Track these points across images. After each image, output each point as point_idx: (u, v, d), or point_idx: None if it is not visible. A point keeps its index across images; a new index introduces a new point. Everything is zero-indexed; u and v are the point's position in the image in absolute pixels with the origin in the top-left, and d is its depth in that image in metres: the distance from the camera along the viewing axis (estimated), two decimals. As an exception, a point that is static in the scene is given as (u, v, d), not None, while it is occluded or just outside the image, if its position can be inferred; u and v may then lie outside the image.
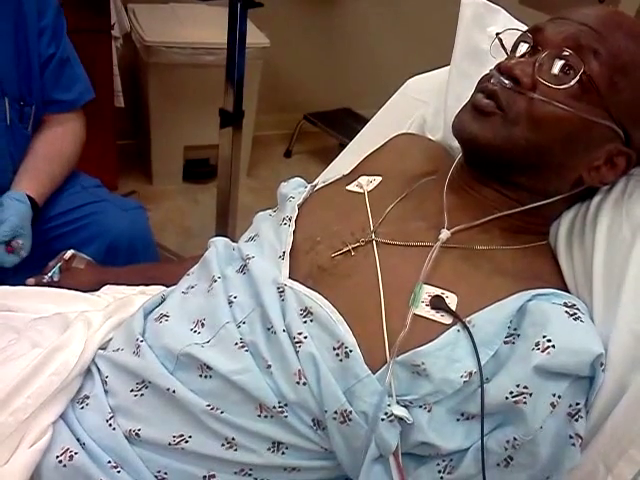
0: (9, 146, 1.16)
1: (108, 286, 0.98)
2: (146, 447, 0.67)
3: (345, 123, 2.85)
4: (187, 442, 0.65)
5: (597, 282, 0.67)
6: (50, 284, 1.00)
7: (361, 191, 0.81)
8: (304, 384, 0.62)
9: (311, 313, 0.65)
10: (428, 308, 0.64)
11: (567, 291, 0.70)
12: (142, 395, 0.69)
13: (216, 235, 2.01)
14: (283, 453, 0.65)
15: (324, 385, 0.62)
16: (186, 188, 2.61)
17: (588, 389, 0.61)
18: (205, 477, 0.66)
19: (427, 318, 0.63)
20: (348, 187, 0.83)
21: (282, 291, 0.68)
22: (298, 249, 0.73)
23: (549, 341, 0.58)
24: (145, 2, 2.39)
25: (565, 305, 0.62)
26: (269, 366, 0.64)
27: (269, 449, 0.65)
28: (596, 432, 0.63)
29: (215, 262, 0.76)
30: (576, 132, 0.65)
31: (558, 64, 0.65)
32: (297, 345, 0.63)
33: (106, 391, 0.70)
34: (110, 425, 0.67)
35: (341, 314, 0.65)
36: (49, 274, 1.02)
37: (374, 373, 0.61)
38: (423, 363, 0.60)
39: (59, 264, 1.04)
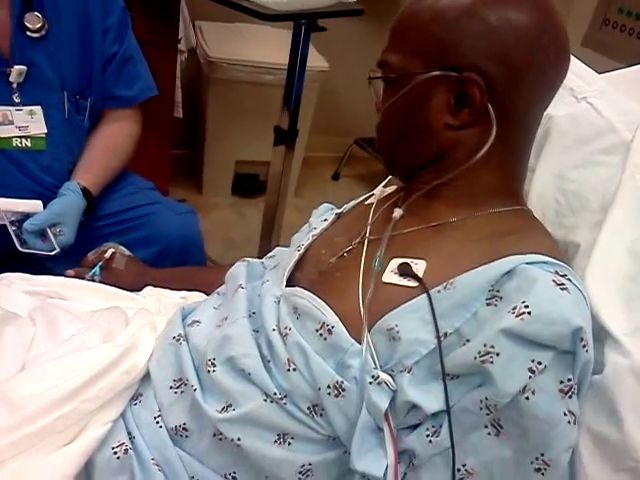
0: (66, 137, 1.22)
1: (150, 287, 1.02)
2: (189, 448, 0.71)
3: (395, 151, 2.86)
4: (226, 438, 0.69)
5: None
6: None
7: (373, 202, 0.86)
8: (294, 370, 0.67)
9: (297, 308, 0.71)
10: (396, 276, 0.68)
11: (556, 244, 0.71)
12: (182, 392, 0.73)
13: (259, 249, 2.04)
14: (289, 444, 0.68)
15: (313, 365, 0.66)
16: (234, 201, 2.66)
17: (573, 364, 0.59)
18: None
19: (395, 284, 0.67)
20: (366, 202, 0.89)
21: (278, 301, 0.75)
22: (307, 263, 0.82)
23: (526, 307, 0.58)
24: (212, 20, 2.48)
25: (556, 273, 0.61)
26: (269, 361, 0.70)
27: (275, 442, 0.68)
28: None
29: (244, 275, 0.85)
30: (402, 107, 0.72)
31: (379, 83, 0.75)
32: (285, 338, 0.70)
33: (154, 390, 0.75)
34: (157, 423, 0.72)
35: (324, 300, 0.69)
36: (90, 273, 1.04)
37: (360, 344, 0.65)
38: (397, 325, 0.63)
39: (100, 263, 1.06)
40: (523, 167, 0.76)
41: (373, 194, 0.90)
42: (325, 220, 0.90)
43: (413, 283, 0.66)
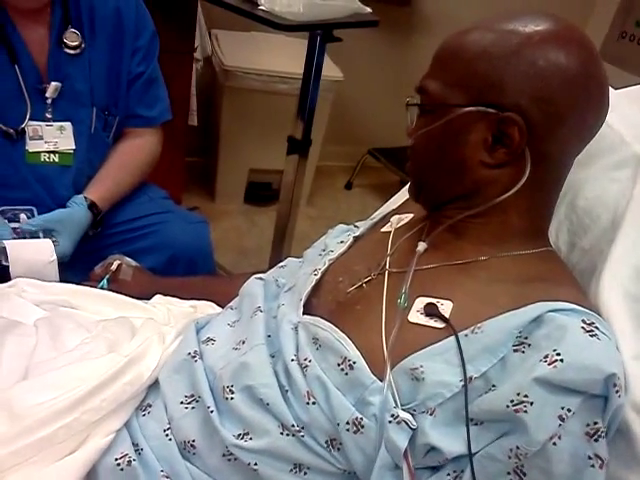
0: (89, 152, 1.23)
1: (159, 296, 1.01)
2: (198, 463, 0.71)
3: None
4: (236, 460, 0.69)
5: None
6: None
7: (390, 229, 0.85)
8: (314, 404, 0.67)
9: (317, 339, 0.70)
10: (422, 316, 0.67)
11: (583, 294, 0.69)
12: (193, 408, 0.73)
13: (270, 258, 2.03)
14: (305, 474, 0.68)
15: (333, 400, 0.66)
16: (246, 209, 2.67)
17: (604, 408, 0.59)
18: None
19: (421, 325, 0.66)
20: (382, 229, 0.88)
21: (297, 328, 0.74)
22: (324, 289, 0.81)
23: (558, 355, 0.58)
24: (228, 29, 2.49)
25: (583, 322, 0.60)
26: (287, 391, 0.70)
27: (291, 470, 0.68)
28: None
29: (261, 296, 0.85)
30: (437, 138, 0.71)
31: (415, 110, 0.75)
32: (304, 370, 0.69)
33: (165, 402, 0.74)
34: (167, 435, 0.72)
35: (345, 333, 0.69)
36: (98, 286, 1.03)
37: (381, 381, 0.65)
38: (422, 366, 0.63)
39: (107, 276, 1.06)
40: (551, 208, 0.75)
41: (390, 221, 0.88)
42: (341, 242, 0.89)
43: (439, 324, 0.65)
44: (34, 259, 1.04)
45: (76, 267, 1.13)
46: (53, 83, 1.14)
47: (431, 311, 0.67)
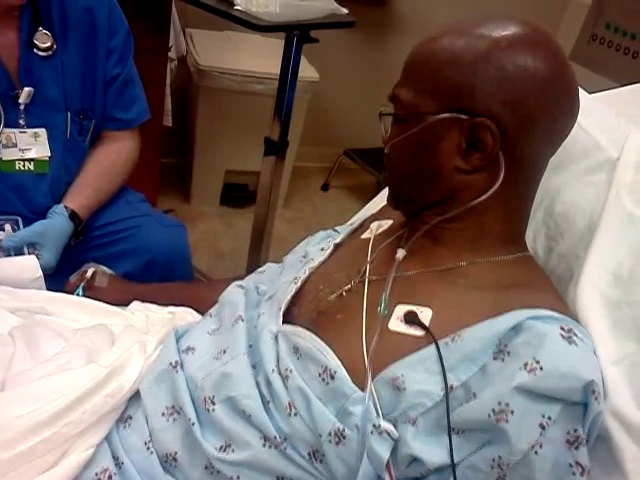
0: (65, 158, 1.20)
1: (137, 302, 0.99)
2: (180, 477, 0.70)
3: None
4: (219, 473, 0.68)
5: None
6: None
7: (370, 236, 0.85)
8: (295, 415, 0.66)
9: (298, 348, 0.70)
10: (402, 324, 0.67)
11: (561, 300, 0.69)
12: (174, 420, 0.72)
13: (248, 260, 2.02)
14: None
15: (314, 411, 0.65)
16: (222, 211, 2.64)
17: (584, 416, 0.59)
18: None
19: (401, 333, 0.66)
20: (362, 236, 0.88)
21: (277, 337, 0.74)
22: (305, 298, 0.80)
23: (537, 362, 0.58)
24: (203, 28, 2.47)
25: (561, 329, 0.61)
26: (268, 402, 0.69)
27: None
28: None
29: (242, 305, 0.84)
30: (412, 146, 0.71)
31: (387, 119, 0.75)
32: (285, 380, 0.68)
33: (146, 414, 0.73)
34: (148, 448, 0.70)
35: (326, 342, 0.69)
36: (74, 293, 1.02)
37: (362, 391, 0.64)
38: (402, 375, 0.63)
39: (82, 284, 1.04)
40: (527, 211, 0.76)
41: (369, 228, 0.88)
42: (322, 250, 0.88)
43: (419, 332, 0.65)
44: (19, 277, 1.01)
45: (54, 274, 1.10)
46: (26, 88, 1.10)
47: (411, 319, 0.66)
